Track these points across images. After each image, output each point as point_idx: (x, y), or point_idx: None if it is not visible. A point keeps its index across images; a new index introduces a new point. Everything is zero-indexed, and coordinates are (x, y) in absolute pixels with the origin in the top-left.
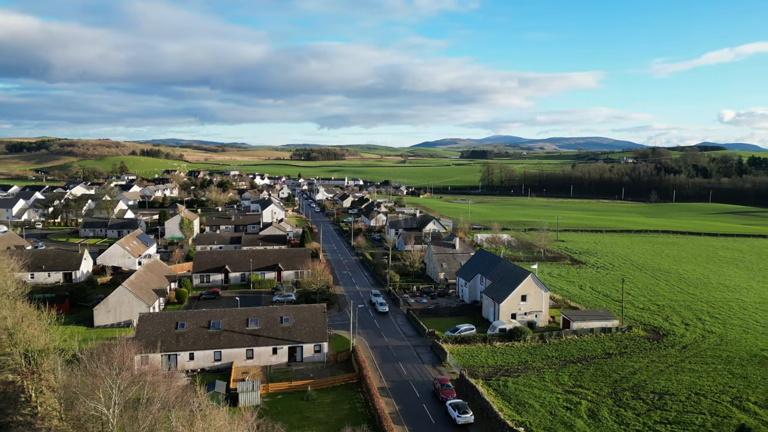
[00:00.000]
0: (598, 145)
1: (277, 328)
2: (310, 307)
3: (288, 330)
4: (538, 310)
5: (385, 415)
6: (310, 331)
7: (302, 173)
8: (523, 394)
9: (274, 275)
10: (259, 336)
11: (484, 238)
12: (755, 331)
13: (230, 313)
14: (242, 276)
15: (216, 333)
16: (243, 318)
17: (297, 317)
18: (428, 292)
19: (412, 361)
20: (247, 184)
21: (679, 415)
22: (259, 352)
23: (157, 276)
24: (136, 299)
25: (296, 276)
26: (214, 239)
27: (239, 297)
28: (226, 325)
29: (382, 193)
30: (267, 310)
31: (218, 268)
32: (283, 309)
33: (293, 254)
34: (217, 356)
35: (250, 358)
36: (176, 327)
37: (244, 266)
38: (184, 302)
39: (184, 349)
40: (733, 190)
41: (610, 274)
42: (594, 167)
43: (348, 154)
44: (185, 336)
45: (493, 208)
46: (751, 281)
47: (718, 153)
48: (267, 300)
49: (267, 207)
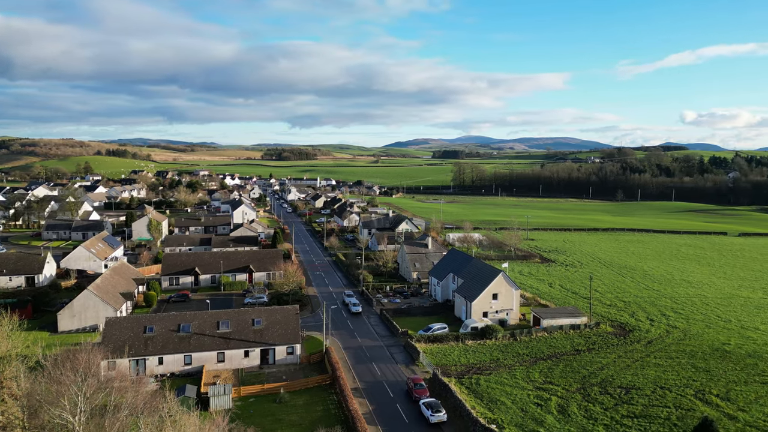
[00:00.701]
0: (566, 145)
1: (249, 330)
2: (283, 309)
3: (260, 332)
4: (509, 308)
5: (359, 415)
6: (283, 333)
7: (274, 173)
8: (495, 392)
9: (245, 277)
10: (230, 339)
11: (456, 238)
12: (717, 326)
13: (200, 316)
14: (213, 278)
15: (186, 336)
16: (214, 321)
17: (269, 319)
18: (401, 291)
19: (385, 361)
20: (217, 184)
21: (645, 408)
22: (230, 355)
23: (124, 279)
24: (102, 303)
25: (268, 277)
26: (183, 241)
27: (210, 299)
28: (197, 329)
29: (355, 193)
30: (238, 312)
31: (188, 271)
32: (254, 311)
33: (265, 255)
34: (187, 360)
35: (222, 361)
36: (144, 331)
37: (214, 268)
38: (152, 305)
39: (152, 353)
40: (695, 189)
41: (579, 272)
42: (562, 167)
43: (320, 153)
44: (154, 340)
45: (464, 207)
46: (713, 277)
47: (681, 153)
48: (238, 302)
49: (238, 208)
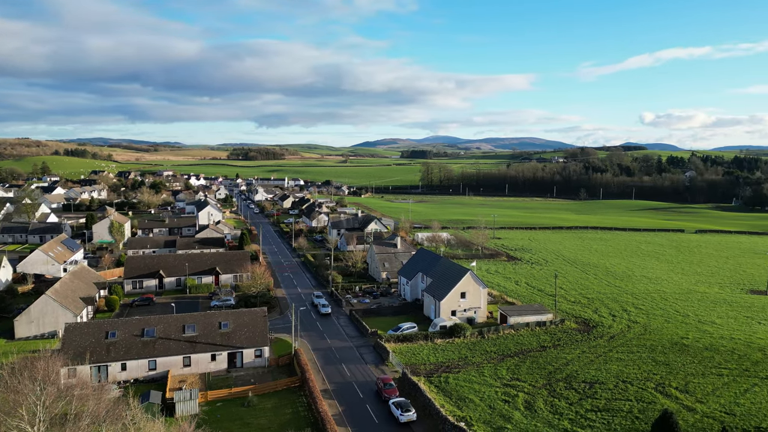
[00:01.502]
0: (531, 145)
1: (216, 333)
2: (250, 311)
3: (227, 335)
4: (476, 306)
5: (329, 417)
6: (251, 335)
7: (240, 173)
8: (463, 390)
9: (211, 279)
10: (196, 343)
11: (425, 237)
12: (675, 321)
13: (165, 319)
14: (178, 281)
15: (150, 341)
16: (179, 324)
17: (236, 322)
18: (371, 291)
19: (355, 362)
20: (182, 185)
21: (608, 402)
22: (196, 360)
23: (84, 283)
24: (61, 308)
25: (235, 279)
26: (146, 243)
27: (175, 303)
28: (161, 333)
29: (324, 193)
30: (204, 315)
31: (152, 274)
32: (221, 314)
33: (231, 257)
34: (151, 365)
35: (188, 365)
36: (106, 336)
37: (179, 271)
38: (115, 310)
39: (115, 359)
40: (654, 188)
41: (544, 270)
42: (528, 167)
43: (288, 153)
44: (116, 345)
45: (433, 207)
46: (671, 273)
47: (640, 153)
48: (205, 305)
49: (203, 208)
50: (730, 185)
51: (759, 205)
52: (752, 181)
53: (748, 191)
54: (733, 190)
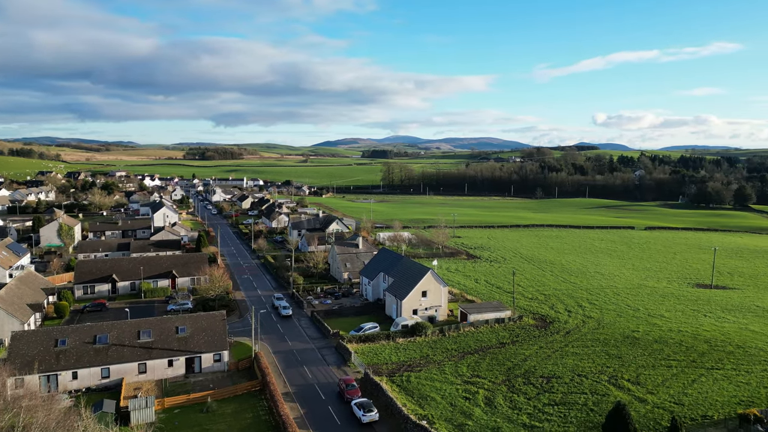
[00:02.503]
0: (490, 145)
1: (173, 338)
2: (209, 315)
3: (184, 340)
4: (437, 305)
5: (290, 420)
6: (209, 339)
7: (197, 173)
8: (425, 388)
9: (167, 283)
10: (152, 348)
11: (387, 237)
12: (627, 315)
13: (119, 325)
14: (132, 285)
15: (103, 348)
16: (134, 330)
17: (194, 326)
18: (332, 292)
19: (317, 364)
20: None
21: (565, 396)
22: (152, 366)
23: (31, 289)
24: (6, 316)
25: (192, 283)
26: (98, 246)
27: (129, 308)
28: (115, 339)
29: (284, 193)
30: (160, 320)
31: (104, 278)
32: (178, 318)
33: (188, 260)
34: (104, 373)
35: (143, 372)
36: (56, 344)
37: (134, 274)
38: (65, 316)
39: (65, 368)
40: (606, 186)
41: (502, 267)
42: (486, 166)
43: (246, 153)
44: (67, 353)
45: (394, 206)
46: (622, 269)
47: (593, 152)
48: (161, 310)
49: (158, 210)
50: (676, 184)
51: (703, 202)
52: (697, 180)
53: (694, 189)
54: (679, 189)
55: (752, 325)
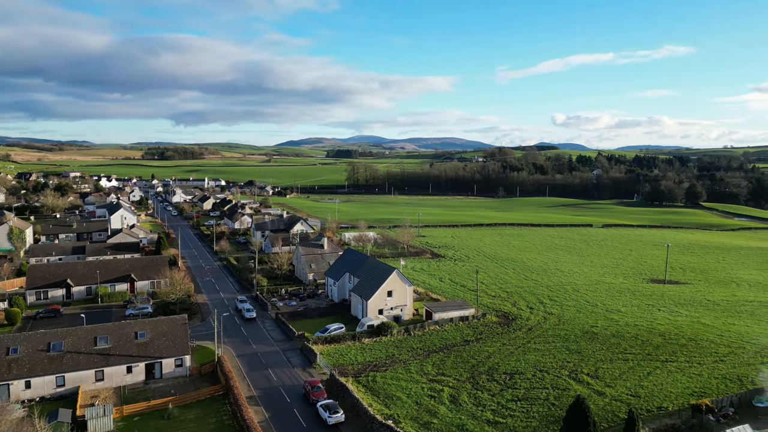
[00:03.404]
0: (453, 145)
1: (132, 344)
2: (169, 319)
3: (144, 345)
4: (403, 304)
5: (254, 424)
6: (170, 344)
7: (156, 174)
8: (391, 388)
9: (126, 287)
10: (110, 355)
11: (352, 237)
12: (586, 311)
13: (75, 332)
14: (88, 290)
15: (58, 356)
16: (90, 337)
17: (154, 331)
18: (297, 294)
19: (281, 366)
20: (91, 186)
21: (527, 391)
22: (110, 373)
23: None
24: None
25: (152, 286)
26: (52, 250)
27: (85, 313)
28: (70, 346)
29: (247, 193)
30: (119, 326)
31: (58, 283)
32: (137, 323)
33: (148, 263)
34: (59, 381)
35: (101, 380)
36: (7, 353)
37: (90, 279)
38: (16, 323)
39: (17, 377)
40: (565, 185)
41: (466, 266)
42: (450, 166)
43: (208, 152)
44: (19, 362)
45: (359, 206)
46: (582, 266)
47: (553, 152)
48: (119, 315)
49: (116, 212)
50: (631, 182)
51: (657, 200)
52: (651, 179)
53: (648, 188)
54: (634, 187)
55: (703, 318)
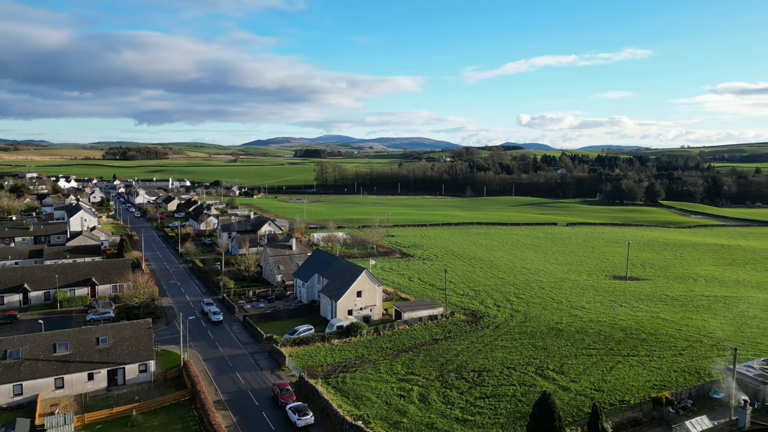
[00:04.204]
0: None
1: (93, 350)
2: (133, 324)
3: (106, 351)
4: (372, 304)
5: (222, 429)
6: (134, 349)
7: (118, 174)
8: (360, 388)
9: (86, 291)
10: (70, 362)
11: (321, 237)
12: (551, 308)
13: (32, 339)
14: (47, 294)
15: (14, 364)
16: (49, 343)
17: (117, 336)
18: (265, 296)
19: (249, 369)
20: (49, 187)
21: (495, 388)
22: (71, 380)
23: None
24: None
25: (114, 290)
26: (7, 254)
27: (44, 319)
28: (28, 354)
29: (213, 194)
30: (79, 331)
31: (15, 288)
32: (99, 329)
33: (110, 266)
34: (17, 390)
35: (60, 387)
36: None
37: (48, 283)
38: None
39: None
40: (531, 184)
41: (435, 265)
42: (418, 166)
43: (172, 152)
44: None
45: (328, 206)
46: (547, 264)
47: (519, 152)
48: (79, 320)
49: (75, 214)
50: (594, 181)
51: (618, 199)
52: (612, 178)
53: (610, 187)
54: (597, 186)
55: (663, 313)
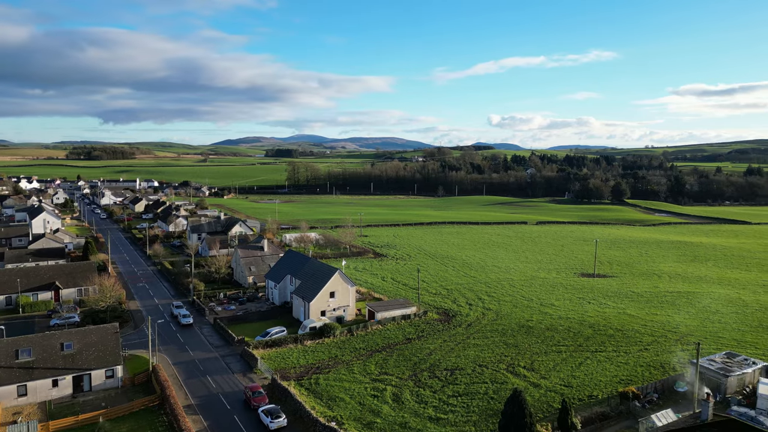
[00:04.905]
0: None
1: (58, 356)
2: (99, 329)
3: (71, 357)
4: (345, 304)
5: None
6: (100, 355)
7: (83, 175)
8: (334, 389)
9: (50, 295)
10: (33, 368)
11: (293, 238)
12: (522, 305)
13: None
14: (8, 299)
15: None
16: (11, 349)
17: (82, 341)
18: (237, 298)
19: (221, 373)
20: (10, 188)
21: (468, 386)
22: (34, 387)
23: None
24: None
25: (80, 294)
26: None
27: (5, 325)
28: None
29: (182, 195)
30: (42, 337)
31: None
32: (63, 334)
33: (74, 269)
34: None
35: (23, 395)
36: None
37: (9, 287)
38: None
39: None
40: (501, 184)
41: (408, 264)
42: (390, 165)
43: (139, 152)
44: None
45: (300, 207)
46: (517, 262)
47: (489, 152)
48: (43, 325)
49: (37, 215)
50: (563, 181)
51: (586, 198)
52: (580, 177)
53: (578, 186)
54: (565, 185)
55: (629, 309)
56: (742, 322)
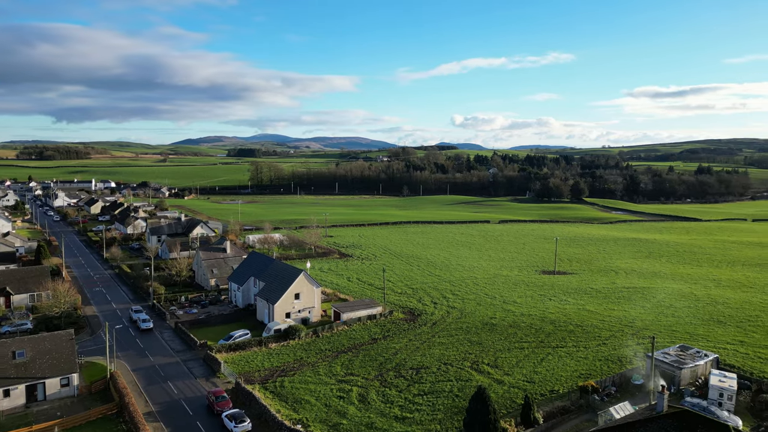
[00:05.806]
0: (358, 145)
1: (9, 365)
2: (53, 335)
3: (23, 366)
4: (311, 306)
5: None
6: (54, 363)
7: (34, 175)
8: (299, 392)
9: (0, 302)
10: None
11: (257, 239)
12: (485, 303)
13: None
14: None
15: None
16: None
17: (35, 349)
18: (198, 301)
19: (182, 378)
20: None
21: (433, 385)
22: None
23: None
24: None
25: (32, 300)
26: None
27: None
28: None
29: (140, 195)
30: None
31: None
32: (15, 342)
33: (26, 274)
34: None
35: None
36: None
37: None
38: None
39: None
40: (465, 183)
41: (374, 264)
42: (355, 165)
43: (95, 152)
44: None
45: (264, 207)
46: (481, 261)
47: (453, 152)
48: None
49: None
50: (524, 180)
51: (547, 196)
52: (541, 176)
53: (538, 185)
54: (526, 185)
55: (588, 305)
56: (694, 315)
